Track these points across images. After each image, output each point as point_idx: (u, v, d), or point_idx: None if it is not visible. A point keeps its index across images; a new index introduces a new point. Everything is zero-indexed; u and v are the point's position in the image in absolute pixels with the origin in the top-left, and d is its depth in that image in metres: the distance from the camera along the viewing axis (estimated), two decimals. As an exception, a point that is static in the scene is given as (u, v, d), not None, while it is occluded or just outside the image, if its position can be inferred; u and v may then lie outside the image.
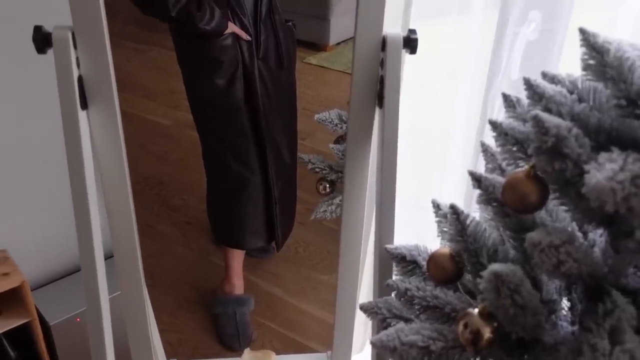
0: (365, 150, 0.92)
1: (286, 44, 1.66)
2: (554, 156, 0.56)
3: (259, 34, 1.56)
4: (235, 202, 1.76)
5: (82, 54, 0.80)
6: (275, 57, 1.63)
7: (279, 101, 1.67)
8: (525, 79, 0.63)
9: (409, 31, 0.85)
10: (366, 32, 0.83)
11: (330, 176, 1.45)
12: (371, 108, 0.89)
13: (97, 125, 0.84)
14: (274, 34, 1.61)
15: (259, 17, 1.55)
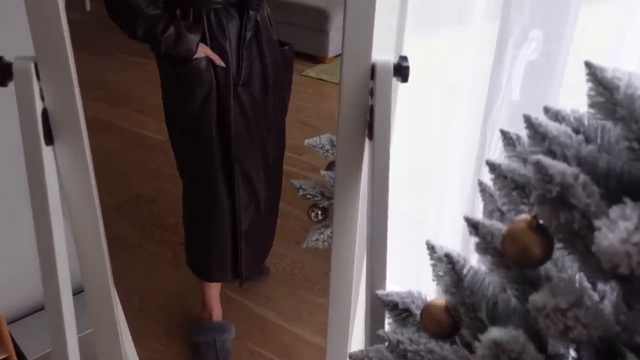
0: (355, 183, 0.86)
1: (275, 70, 1.57)
2: (560, 206, 0.50)
3: (240, 59, 1.48)
4: (201, 232, 1.69)
5: (46, 85, 0.74)
6: (260, 83, 1.54)
7: (259, 131, 1.59)
8: (525, 117, 0.56)
9: (400, 58, 0.79)
10: (354, 60, 0.77)
11: (322, 203, 1.39)
12: (360, 139, 0.83)
13: (65, 161, 0.78)
14: (260, 60, 1.52)
15: (242, 42, 1.48)
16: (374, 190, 0.79)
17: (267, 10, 1.54)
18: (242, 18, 1.45)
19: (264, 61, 1.52)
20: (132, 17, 1.34)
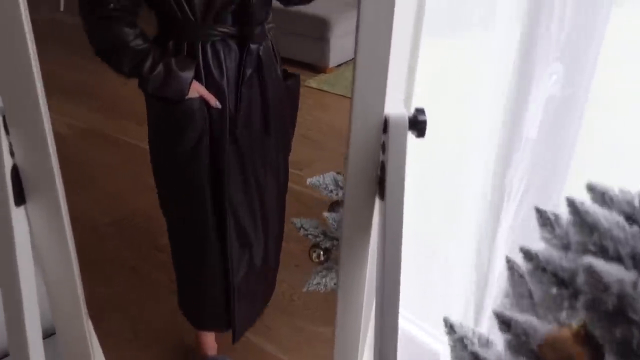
0: (363, 246, 0.77)
1: (278, 107, 1.42)
2: (616, 320, 0.42)
3: (239, 99, 1.33)
4: (191, 280, 1.58)
5: (17, 140, 0.66)
6: (260, 123, 1.40)
7: (257, 175, 1.45)
8: (569, 200, 0.48)
9: (416, 111, 0.70)
10: (364, 113, 0.69)
11: (325, 244, 1.30)
12: (370, 199, 0.74)
13: (38, 223, 0.69)
14: (262, 97, 1.37)
15: (242, 79, 1.32)
16: (385, 255, 0.70)
17: (271, 41, 1.40)
18: (243, 52, 1.31)
19: (265, 99, 1.37)
20: (117, 51, 1.21)
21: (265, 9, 1.33)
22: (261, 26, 1.31)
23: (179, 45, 1.27)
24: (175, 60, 1.25)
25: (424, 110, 0.70)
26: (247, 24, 1.28)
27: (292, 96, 1.50)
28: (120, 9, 1.18)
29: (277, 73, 1.42)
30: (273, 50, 1.41)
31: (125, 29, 1.20)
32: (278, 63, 1.43)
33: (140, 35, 1.23)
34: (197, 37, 1.26)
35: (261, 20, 1.31)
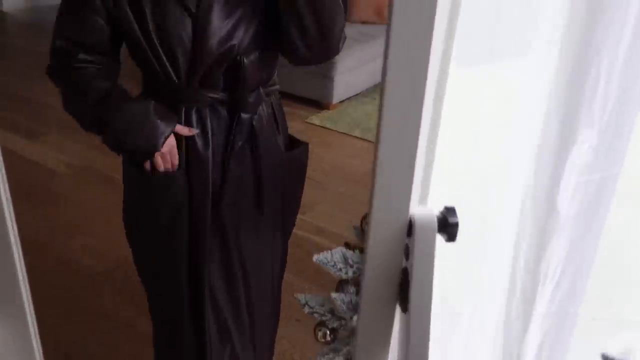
0: (382, 357, 0.67)
1: (277, 182, 1.24)
2: None
3: (226, 172, 1.16)
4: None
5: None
6: (252, 200, 1.22)
7: (244, 260, 1.26)
8: None
9: (446, 210, 0.61)
10: (386, 213, 0.59)
11: (332, 323, 1.19)
12: (390, 308, 0.64)
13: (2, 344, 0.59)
14: (255, 172, 1.19)
15: (230, 152, 1.15)
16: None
17: (273, 106, 1.23)
18: (233, 121, 1.14)
19: (259, 174, 1.20)
20: (78, 91, 1.08)
21: (266, 71, 1.18)
22: (257, 92, 1.15)
23: None
24: (154, 106, 1.09)
25: (454, 210, 0.60)
26: (239, 90, 1.12)
27: (297, 168, 1.32)
28: (90, 61, 1.09)
29: (277, 144, 1.24)
30: (274, 117, 1.24)
31: (89, 77, 1.09)
32: (280, 131, 1.26)
33: (107, 77, 1.11)
34: (180, 101, 1.12)
35: (258, 85, 1.16)
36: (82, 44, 1.08)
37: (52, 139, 3.38)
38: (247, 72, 1.10)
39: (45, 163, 3.24)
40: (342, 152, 3.58)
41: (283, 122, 1.28)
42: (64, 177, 3.11)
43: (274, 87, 1.24)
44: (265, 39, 1.12)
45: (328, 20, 1.03)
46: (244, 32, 1.07)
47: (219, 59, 1.08)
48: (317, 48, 1.07)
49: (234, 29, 1.07)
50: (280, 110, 1.27)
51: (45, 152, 3.35)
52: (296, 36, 1.05)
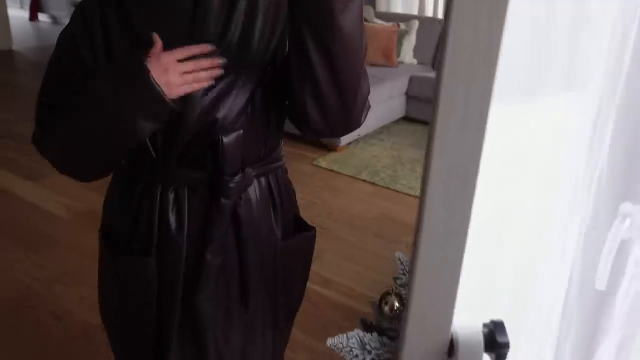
0: None
1: (268, 274, 1.06)
2: None
3: (202, 262, 0.98)
4: None
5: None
6: (236, 294, 1.05)
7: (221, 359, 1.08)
8: None
9: (494, 325, 0.51)
10: (424, 329, 0.50)
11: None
12: None
13: None
14: (239, 261, 1.02)
15: (208, 238, 0.98)
16: None
17: (270, 185, 1.05)
18: (209, 207, 0.98)
19: (245, 264, 1.02)
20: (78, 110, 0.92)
21: (260, 148, 1.01)
22: (243, 174, 0.98)
23: (136, 184, 1.00)
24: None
25: (502, 325, 0.51)
26: (217, 173, 0.95)
27: (297, 259, 1.13)
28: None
29: (272, 231, 1.06)
30: (271, 199, 1.06)
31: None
32: (279, 216, 1.07)
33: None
34: (156, 179, 0.97)
35: (244, 166, 0.98)
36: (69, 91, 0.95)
37: (53, 180, 3.31)
38: (226, 153, 0.94)
39: (45, 205, 3.16)
40: (349, 197, 3.49)
41: (287, 202, 1.11)
42: (63, 221, 3.02)
43: (274, 165, 1.06)
44: (264, 109, 0.97)
45: (351, 84, 0.87)
46: (230, 104, 0.92)
47: (197, 135, 0.93)
48: (336, 120, 0.91)
49: (218, 101, 0.92)
50: (284, 190, 1.10)
51: (46, 194, 3.27)
52: (311, 105, 0.88)
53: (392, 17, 5.08)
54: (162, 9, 0.90)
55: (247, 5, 0.91)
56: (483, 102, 0.46)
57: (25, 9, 8.86)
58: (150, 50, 0.86)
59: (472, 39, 0.42)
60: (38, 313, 2.30)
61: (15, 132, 4.12)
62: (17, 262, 2.64)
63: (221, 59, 0.90)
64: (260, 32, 0.92)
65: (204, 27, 0.89)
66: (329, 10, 0.78)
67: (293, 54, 0.87)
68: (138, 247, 1.01)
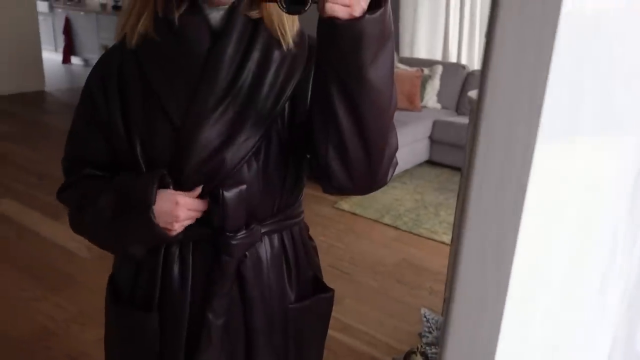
0: None
1: (273, 338, 0.99)
2: None
3: (205, 321, 0.93)
4: None
5: None
6: (240, 356, 0.99)
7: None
8: None
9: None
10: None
11: None
12: None
13: None
14: (245, 322, 0.97)
15: (210, 297, 0.93)
16: None
17: (284, 243, 1.00)
18: (215, 261, 0.93)
19: (251, 326, 0.97)
20: (87, 201, 0.98)
21: (280, 200, 0.96)
22: (248, 231, 0.92)
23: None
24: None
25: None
26: (219, 228, 0.91)
27: (312, 322, 1.06)
28: (98, 176, 1.00)
29: (284, 292, 1.00)
30: (285, 258, 1.00)
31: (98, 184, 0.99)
32: (292, 275, 1.02)
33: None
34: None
35: (251, 221, 0.93)
36: (86, 161, 1.00)
37: (77, 219, 3.34)
38: (228, 208, 0.89)
39: (67, 245, 3.17)
40: (371, 240, 3.43)
41: (305, 261, 1.04)
42: (84, 261, 3.02)
43: (289, 222, 1.00)
44: (278, 162, 0.92)
45: (378, 140, 0.81)
46: (231, 156, 0.88)
47: (200, 184, 0.90)
48: (361, 176, 0.84)
49: (218, 152, 0.88)
50: (301, 249, 1.03)
51: (68, 234, 3.26)
52: (334, 159, 0.82)
53: (415, 63, 5.11)
54: (175, 53, 0.91)
55: (260, 56, 0.90)
56: (525, 157, 0.43)
57: (59, 52, 9.18)
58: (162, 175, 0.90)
59: (514, 87, 0.40)
60: (54, 354, 2.27)
61: (42, 172, 4.19)
62: (36, 301, 2.63)
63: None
64: (270, 84, 0.90)
65: (215, 75, 0.89)
66: (358, 63, 0.73)
67: (317, 104, 0.84)
68: (140, 301, 0.99)
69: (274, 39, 0.91)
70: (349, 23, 0.70)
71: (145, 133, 0.91)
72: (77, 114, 1.02)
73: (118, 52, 0.95)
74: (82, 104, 1.00)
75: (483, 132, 0.39)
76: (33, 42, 6.98)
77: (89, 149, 0.99)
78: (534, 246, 0.49)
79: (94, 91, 0.96)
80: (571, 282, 0.67)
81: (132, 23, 0.90)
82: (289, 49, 0.91)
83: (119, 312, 1.02)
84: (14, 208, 3.64)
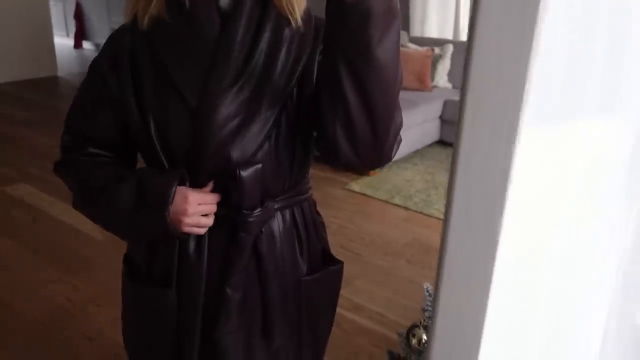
0: None
1: (291, 308, 1.03)
2: None
3: (222, 296, 0.97)
4: None
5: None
6: (258, 329, 1.02)
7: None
8: None
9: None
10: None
11: None
12: None
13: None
14: (261, 295, 1.00)
15: (227, 272, 0.96)
16: None
17: (295, 218, 1.03)
18: (232, 239, 0.96)
19: (267, 299, 1.01)
20: (87, 182, 1.00)
21: (291, 177, 0.99)
22: (263, 208, 0.96)
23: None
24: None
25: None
26: (236, 206, 0.94)
27: (322, 294, 1.10)
28: (100, 155, 1.01)
29: (297, 265, 1.04)
30: (296, 233, 1.03)
31: (98, 165, 1.01)
32: (304, 249, 1.05)
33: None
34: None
35: (264, 200, 0.96)
36: (90, 138, 1.01)
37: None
38: (245, 187, 0.92)
39: (82, 228, 3.22)
40: (381, 221, 3.45)
41: (314, 236, 1.08)
42: (99, 243, 3.07)
43: (299, 197, 1.03)
44: (289, 140, 0.95)
45: (384, 116, 0.84)
46: (249, 137, 0.91)
47: (218, 165, 0.93)
48: (367, 152, 0.87)
49: (235, 134, 0.91)
50: (309, 223, 1.07)
51: (83, 217, 3.33)
52: (341, 135, 0.84)
53: (426, 42, 5.06)
54: (187, 34, 0.93)
55: (271, 35, 0.91)
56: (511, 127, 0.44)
57: (70, 37, 9.22)
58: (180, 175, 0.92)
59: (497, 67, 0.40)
60: (71, 334, 2.33)
61: (54, 155, 4.24)
62: (52, 283, 2.69)
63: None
64: (282, 63, 0.92)
65: (228, 56, 0.90)
66: (366, 40, 0.76)
67: (325, 82, 0.86)
68: (158, 277, 1.01)
69: (283, 17, 0.92)
70: (357, 1, 0.72)
71: (159, 114, 0.93)
72: (83, 89, 1.02)
73: (129, 32, 0.97)
74: (90, 80, 1.01)
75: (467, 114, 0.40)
76: (45, 27, 7.03)
77: (95, 126, 1.00)
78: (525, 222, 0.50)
79: (105, 69, 0.97)
80: (566, 257, 0.68)
81: (144, 4, 0.92)
82: (298, 28, 0.93)
83: (137, 289, 1.05)
84: (30, 192, 3.70)
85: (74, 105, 1.04)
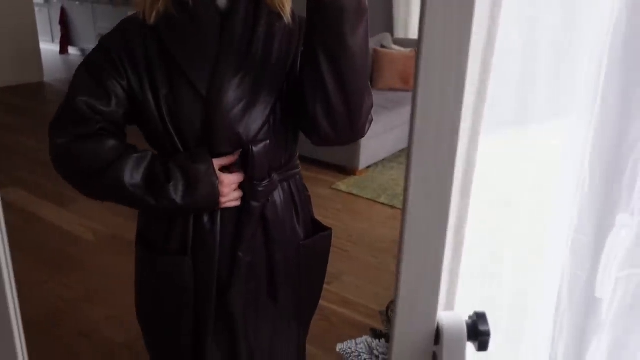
0: None
1: (293, 270, 1.18)
2: None
3: (235, 260, 1.10)
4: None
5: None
6: (265, 289, 1.17)
7: (252, 351, 1.19)
8: None
9: (476, 316, 0.56)
10: (411, 319, 0.55)
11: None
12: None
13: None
14: (268, 261, 1.14)
15: (240, 238, 1.09)
16: None
17: (291, 188, 1.17)
18: (241, 209, 1.10)
19: (273, 262, 1.15)
20: (108, 168, 1.03)
21: (282, 156, 1.13)
22: (269, 179, 1.10)
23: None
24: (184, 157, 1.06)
25: (485, 316, 0.56)
26: (246, 179, 1.08)
27: (316, 257, 1.25)
28: (107, 127, 1.05)
29: (295, 231, 1.18)
30: (292, 202, 1.18)
31: (114, 143, 1.05)
32: (300, 218, 1.20)
33: (132, 147, 1.08)
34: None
35: (270, 172, 1.10)
36: (100, 111, 1.03)
37: (81, 206, 3.43)
38: (256, 161, 1.06)
39: (73, 229, 3.27)
40: (368, 220, 3.53)
41: (304, 206, 1.22)
42: (90, 245, 3.12)
43: (293, 171, 1.18)
44: (283, 121, 1.09)
45: (357, 96, 0.99)
46: (255, 115, 1.05)
47: (229, 145, 1.05)
48: (343, 128, 1.01)
49: (244, 114, 1.04)
50: (301, 194, 1.21)
51: (73, 219, 3.39)
52: (321, 115, 0.99)
53: (409, 44, 5.16)
54: (192, 30, 1.04)
55: (265, 30, 1.06)
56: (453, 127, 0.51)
57: (56, 42, 9.22)
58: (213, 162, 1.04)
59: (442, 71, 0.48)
60: (65, 332, 2.38)
61: (43, 159, 4.26)
62: (45, 283, 2.73)
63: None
64: (277, 54, 1.06)
65: (231, 49, 1.04)
66: (340, 32, 0.91)
67: (307, 70, 0.99)
68: (174, 248, 1.12)
69: (274, 14, 1.07)
70: (333, 0, 0.88)
71: (173, 104, 1.03)
72: (92, 64, 1.05)
73: (139, 24, 1.05)
74: (99, 59, 1.05)
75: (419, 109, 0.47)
76: (30, 33, 7.03)
77: (109, 100, 1.03)
78: (492, 202, 0.57)
79: (118, 52, 1.03)
80: (529, 234, 0.76)
81: (152, 1, 1.02)
82: (288, 23, 1.08)
83: (155, 260, 1.14)
84: (20, 196, 3.74)
85: (81, 76, 1.06)
